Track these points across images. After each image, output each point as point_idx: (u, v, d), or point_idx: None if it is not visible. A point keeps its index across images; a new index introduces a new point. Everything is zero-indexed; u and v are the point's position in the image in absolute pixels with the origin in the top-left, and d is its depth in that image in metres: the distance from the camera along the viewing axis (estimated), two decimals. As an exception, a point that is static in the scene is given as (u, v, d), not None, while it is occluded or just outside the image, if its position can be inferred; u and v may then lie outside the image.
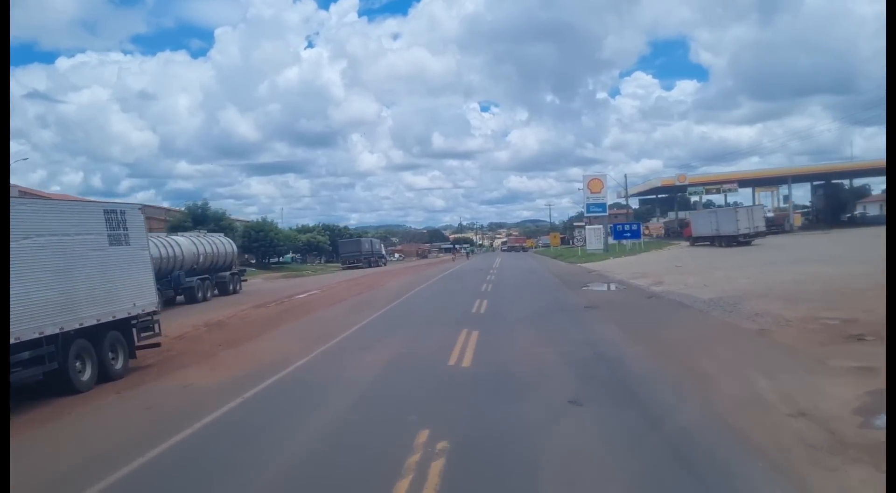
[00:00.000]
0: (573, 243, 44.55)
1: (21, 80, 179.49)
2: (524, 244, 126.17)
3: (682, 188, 55.11)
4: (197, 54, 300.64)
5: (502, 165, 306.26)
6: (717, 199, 67.07)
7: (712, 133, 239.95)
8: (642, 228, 46.67)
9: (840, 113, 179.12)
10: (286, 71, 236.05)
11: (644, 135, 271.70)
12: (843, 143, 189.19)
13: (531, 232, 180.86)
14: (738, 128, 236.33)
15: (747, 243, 37.80)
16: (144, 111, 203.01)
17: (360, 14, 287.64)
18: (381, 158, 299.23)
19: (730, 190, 51.95)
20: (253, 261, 64.57)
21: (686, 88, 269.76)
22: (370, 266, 62.57)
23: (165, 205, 63.46)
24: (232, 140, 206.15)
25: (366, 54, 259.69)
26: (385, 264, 70.30)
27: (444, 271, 40.69)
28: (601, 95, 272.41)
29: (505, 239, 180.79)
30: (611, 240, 44.33)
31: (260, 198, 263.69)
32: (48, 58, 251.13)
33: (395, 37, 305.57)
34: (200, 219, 49.09)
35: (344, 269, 60.76)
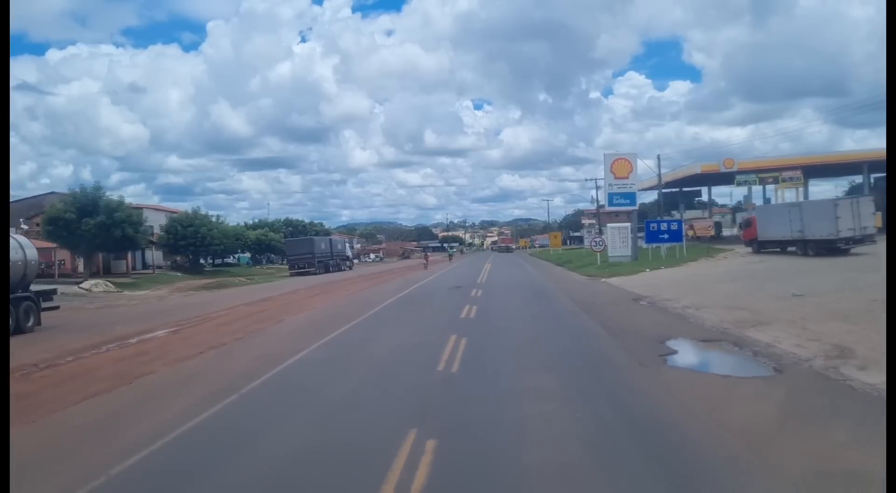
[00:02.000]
0: (591, 247, 32.82)
1: (11, 71, 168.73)
2: (510, 245, 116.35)
3: (729, 177, 43.29)
4: (189, 48, 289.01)
5: (494, 163, 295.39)
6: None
7: (704, 134, 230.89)
8: (684, 227, 34.64)
9: (831, 115, 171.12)
10: (278, 66, 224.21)
11: (636, 135, 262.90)
12: (834, 144, 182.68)
13: (523, 231, 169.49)
14: (730, 129, 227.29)
15: (846, 252, 26.21)
16: (135, 105, 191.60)
17: (354, 10, 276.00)
18: (373, 155, 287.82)
19: (791, 178, 40.14)
20: (186, 264, 52.34)
21: (679, 88, 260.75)
22: (327, 271, 50.37)
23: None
24: (223, 135, 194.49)
25: (359, 50, 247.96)
26: (350, 268, 58.13)
27: (410, 285, 28.81)
28: (594, 94, 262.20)
29: (496, 238, 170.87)
30: (642, 244, 32.41)
31: (251, 193, 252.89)
32: (38, 49, 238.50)
33: (389, 33, 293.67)
34: (90, 209, 36.64)
35: (292, 274, 48.64)
